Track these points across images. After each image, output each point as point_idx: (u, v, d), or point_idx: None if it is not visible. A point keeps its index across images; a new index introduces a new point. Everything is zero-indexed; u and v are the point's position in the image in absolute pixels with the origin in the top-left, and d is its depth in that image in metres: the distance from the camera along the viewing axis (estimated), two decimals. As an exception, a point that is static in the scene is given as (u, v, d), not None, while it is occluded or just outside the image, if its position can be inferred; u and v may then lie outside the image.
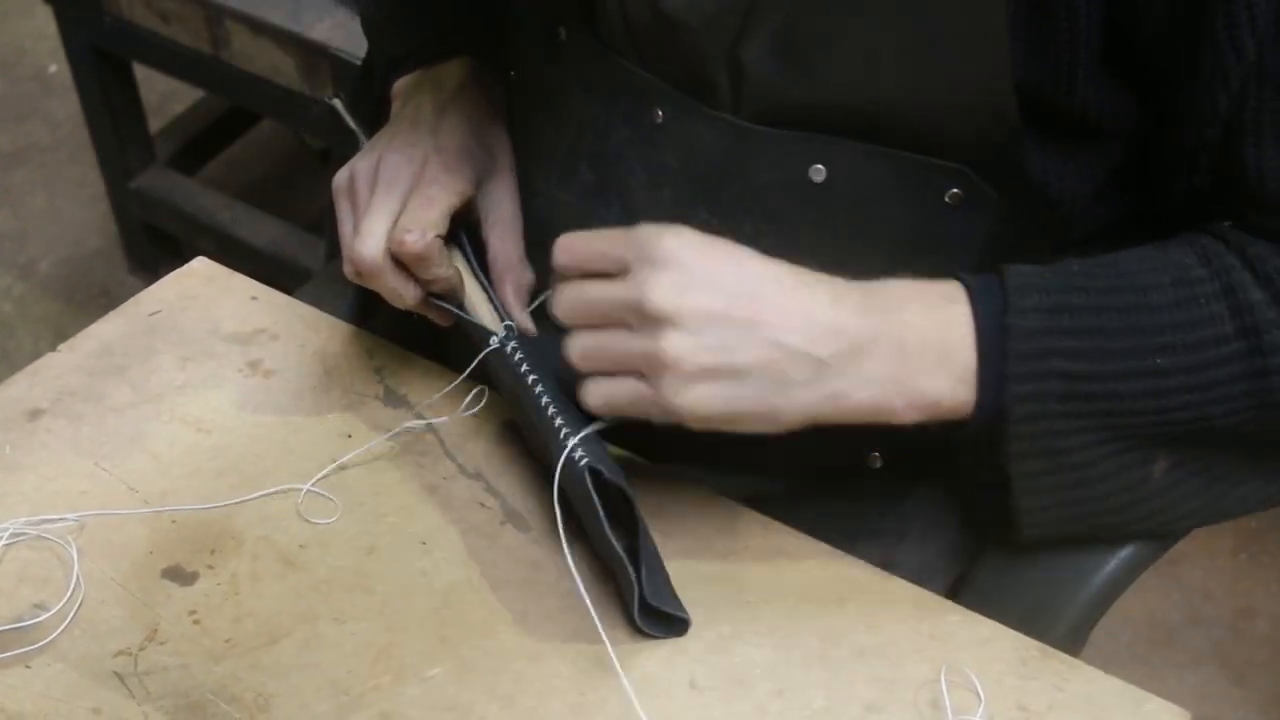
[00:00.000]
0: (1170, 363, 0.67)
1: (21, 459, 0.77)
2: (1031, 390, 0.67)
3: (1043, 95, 0.69)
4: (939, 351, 0.67)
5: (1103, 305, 0.67)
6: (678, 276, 0.64)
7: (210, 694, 0.65)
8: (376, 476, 0.77)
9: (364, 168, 0.80)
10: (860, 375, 0.66)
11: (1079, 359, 0.67)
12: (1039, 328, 0.66)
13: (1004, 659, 0.68)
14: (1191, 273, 0.68)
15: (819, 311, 0.65)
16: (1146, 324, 0.67)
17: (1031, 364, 0.66)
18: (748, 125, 0.73)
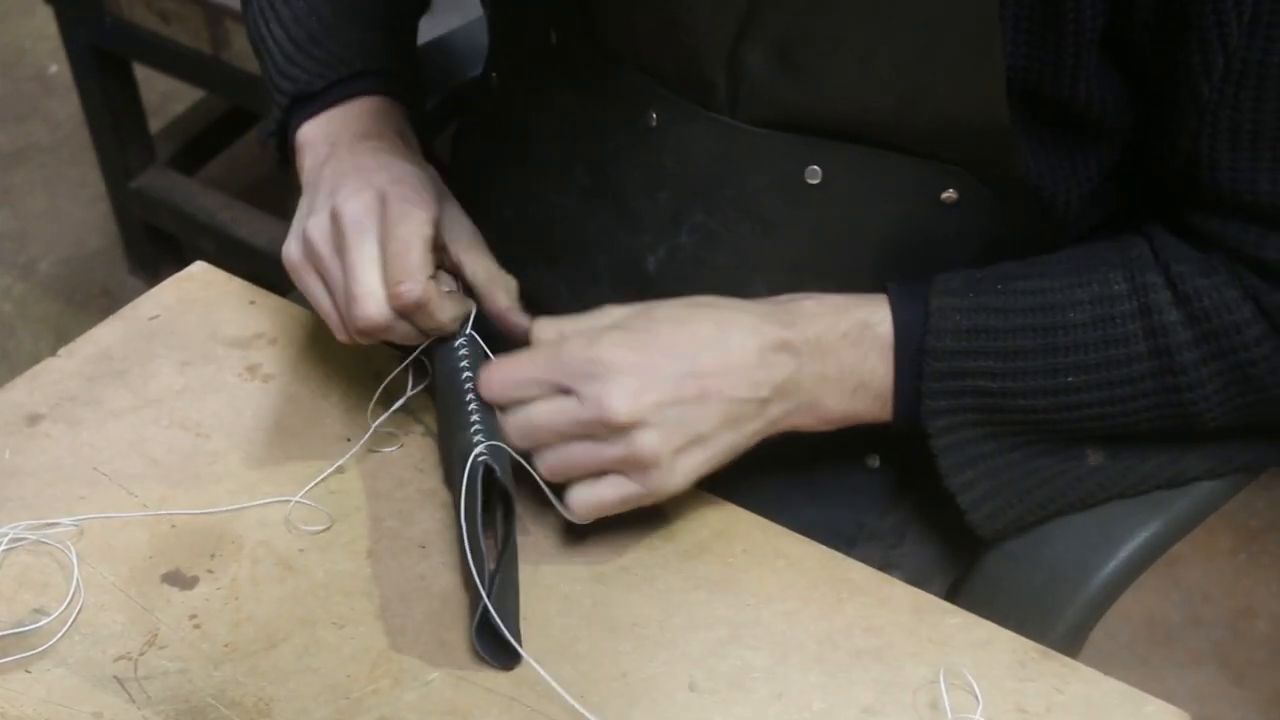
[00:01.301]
0: (1082, 380, 0.71)
1: (21, 464, 0.77)
2: (945, 405, 0.71)
3: (1044, 90, 0.69)
4: (857, 379, 0.72)
5: (1020, 326, 0.71)
6: (626, 383, 0.67)
7: (210, 698, 0.65)
8: (374, 481, 0.77)
9: (318, 231, 0.75)
10: (792, 404, 0.71)
11: (993, 378, 0.71)
12: (955, 349, 0.71)
13: (1003, 661, 0.68)
14: (1112, 289, 0.70)
15: (751, 358, 0.70)
16: (1061, 343, 0.71)
17: (946, 383, 0.71)
18: (744, 127, 0.73)
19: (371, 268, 0.73)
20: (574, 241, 0.81)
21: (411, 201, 0.75)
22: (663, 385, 0.68)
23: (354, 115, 0.84)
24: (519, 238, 0.85)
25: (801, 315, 0.71)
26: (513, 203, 0.85)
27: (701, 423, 0.69)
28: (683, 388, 0.68)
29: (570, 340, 0.70)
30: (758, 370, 0.70)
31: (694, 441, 0.69)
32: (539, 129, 0.82)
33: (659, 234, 0.77)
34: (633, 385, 0.67)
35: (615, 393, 0.67)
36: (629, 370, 0.67)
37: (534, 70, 0.82)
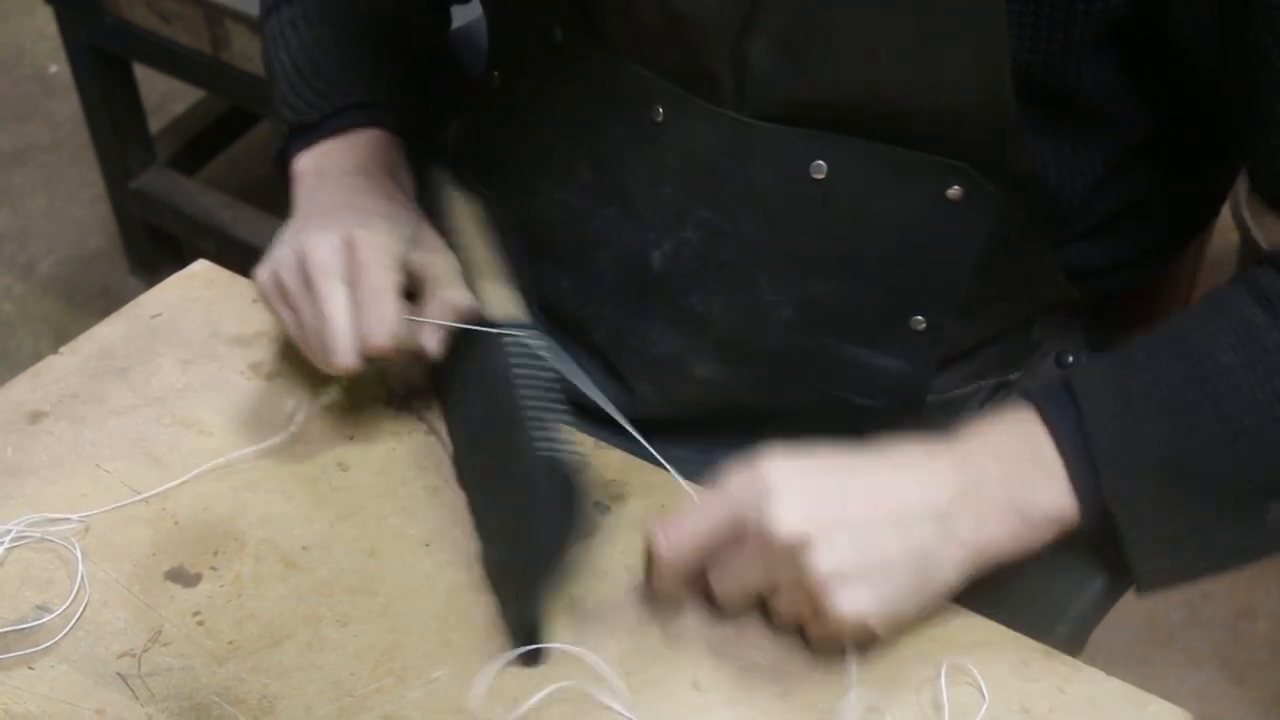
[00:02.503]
0: (1256, 419, 0.66)
1: (23, 461, 0.77)
2: (1129, 487, 0.66)
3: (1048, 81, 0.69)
4: (1030, 465, 0.67)
5: (1178, 381, 0.67)
6: (787, 501, 0.64)
7: (214, 695, 0.65)
8: (378, 478, 0.77)
9: (287, 267, 0.76)
10: (981, 512, 0.66)
11: (1166, 444, 0.66)
12: (1119, 426, 0.66)
13: (1006, 661, 0.68)
14: (1255, 324, 0.67)
15: (921, 473, 0.66)
16: (1226, 387, 0.66)
17: (1122, 461, 0.66)
18: (749, 122, 0.73)
19: (342, 315, 0.73)
20: (578, 238, 0.82)
21: (379, 246, 0.74)
22: (827, 503, 0.64)
23: (346, 149, 0.85)
24: (522, 235, 0.85)
25: (958, 435, 0.68)
26: (516, 200, 0.85)
27: (876, 544, 0.64)
28: (851, 507, 0.65)
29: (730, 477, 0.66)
30: (928, 482, 0.66)
31: (872, 568, 0.64)
32: (542, 126, 0.83)
33: (664, 230, 0.77)
34: (797, 504, 0.64)
35: (777, 512, 0.64)
36: (790, 490, 0.64)
37: (536, 67, 0.82)
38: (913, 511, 0.65)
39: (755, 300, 0.77)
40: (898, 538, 0.65)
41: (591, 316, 0.83)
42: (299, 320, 0.76)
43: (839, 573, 0.63)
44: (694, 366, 0.80)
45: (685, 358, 0.80)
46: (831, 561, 0.63)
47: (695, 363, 0.80)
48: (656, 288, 0.79)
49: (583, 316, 0.83)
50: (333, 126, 0.86)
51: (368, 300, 0.73)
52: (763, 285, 0.77)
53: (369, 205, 0.79)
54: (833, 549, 0.63)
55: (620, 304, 0.81)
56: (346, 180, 0.82)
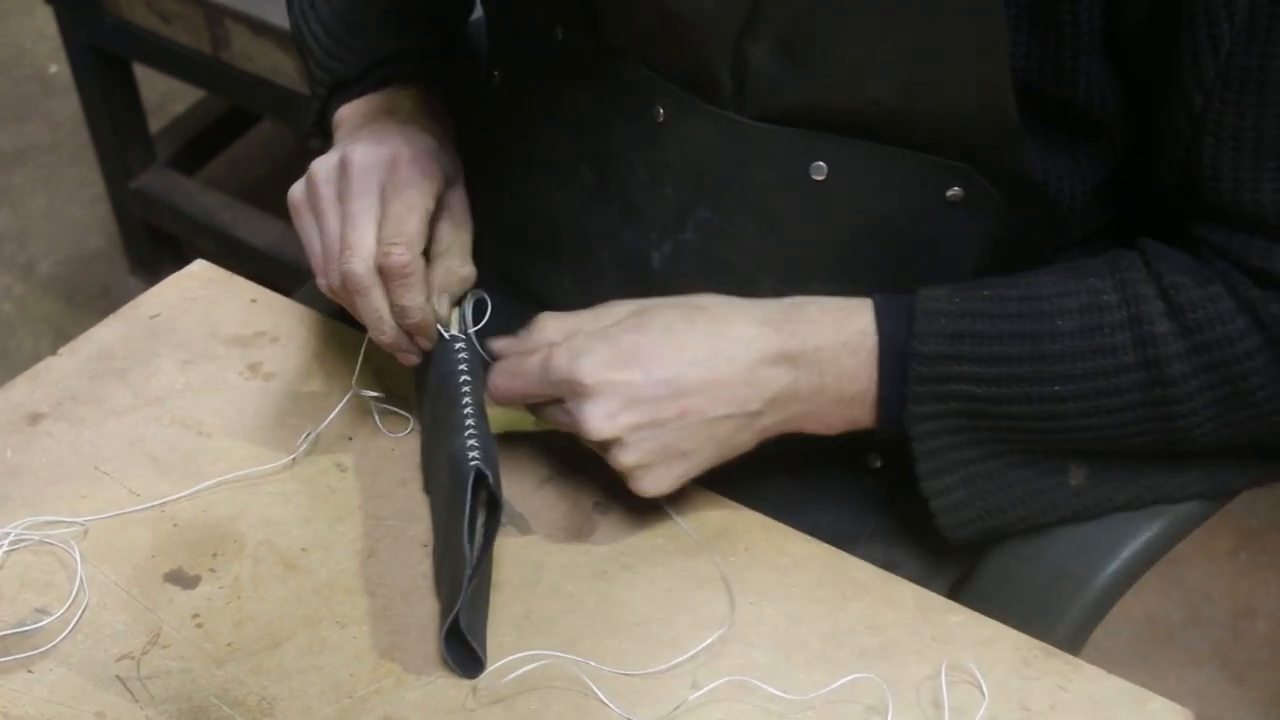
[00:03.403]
0: (1068, 390, 0.69)
1: (22, 463, 0.77)
2: (930, 410, 0.71)
3: (1044, 90, 0.69)
4: (849, 384, 0.71)
5: (1007, 332, 0.70)
6: (602, 404, 0.69)
7: (213, 698, 0.65)
8: (376, 480, 0.77)
9: (324, 172, 0.76)
10: (787, 414, 0.72)
11: (979, 383, 0.70)
12: (940, 353, 0.70)
13: (1006, 659, 0.68)
14: (1101, 298, 0.69)
15: (740, 373, 0.70)
16: (1048, 351, 0.69)
17: (931, 386, 0.70)
18: (749, 123, 0.73)
19: (369, 221, 0.74)
20: (579, 238, 0.81)
21: (421, 169, 0.76)
22: (640, 407, 0.69)
23: (387, 97, 0.85)
24: (523, 235, 0.85)
25: (804, 322, 0.71)
26: (517, 200, 0.85)
27: (681, 441, 0.70)
28: (661, 409, 0.69)
29: (557, 353, 0.70)
30: (747, 386, 0.70)
31: (672, 457, 0.70)
32: (543, 126, 0.82)
33: (664, 230, 0.77)
34: (609, 407, 0.69)
35: (591, 414, 0.69)
36: (607, 391, 0.69)
37: (537, 68, 0.82)
38: (724, 411, 0.70)
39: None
40: (703, 432, 0.70)
41: (591, 316, 0.83)
42: (322, 225, 0.75)
43: (642, 464, 0.70)
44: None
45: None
46: (636, 457, 0.70)
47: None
48: (657, 287, 0.79)
49: (583, 316, 0.83)
50: (374, 80, 0.86)
51: (398, 214, 0.74)
52: (763, 285, 0.76)
53: (413, 135, 0.79)
54: (639, 448, 0.69)
55: (620, 304, 0.81)
56: (390, 119, 0.82)
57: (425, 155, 0.77)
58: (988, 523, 0.74)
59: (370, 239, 0.73)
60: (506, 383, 0.73)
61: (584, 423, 0.69)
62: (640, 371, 0.69)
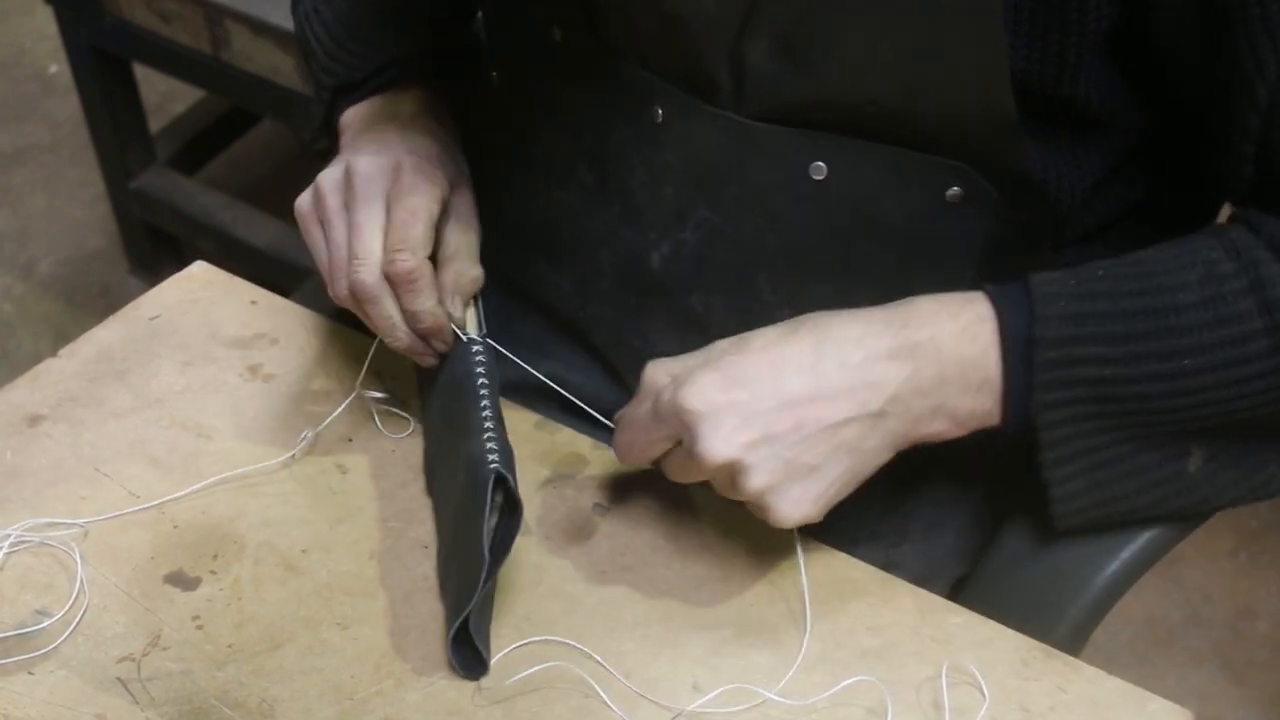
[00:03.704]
0: (1198, 363, 0.67)
1: (22, 464, 0.77)
2: (1058, 398, 0.68)
3: (1044, 89, 0.69)
4: (972, 372, 0.68)
5: (1129, 310, 0.67)
6: (715, 429, 0.66)
7: (214, 699, 0.65)
8: (377, 481, 0.77)
9: (330, 182, 0.77)
10: (910, 413, 0.68)
11: (1106, 364, 0.67)
12: (1065, 336, 0.67)
13: (1006, 660, 0.68)
14: (1219, 268, 0.67)
15: (853, 375, 0.67)
16: (1174, 325, 0.67)
17: (1058, 372, 0.67)
18: (748, 123, 0.73)
19: (374, 230, 0.74)
20: (577, 238, 0.81)
21: (424, 175, 0.76)
22: (753, 423, 0.66)
23: (391, 100, 0.86)
24: (522, 235, 0.85)
25: (916, 314, 0.69)
26: (516, 200, 0.85)
27: (804, 454, 0.67)
28: (775, 422, 0.66)
29: (664, 392, 0.68)
30: (865, 386, 0.67)
31: (800, 474, 0.67)
32: (542, 126, 0.82)
33: (663, 230, 0.77)
34: (722, 430, 0.66)
35: (706, 441, 0.66)
36: (717, 414, 0.66)
37: (536, 68, 0.82)
38: (843, 416, 0.67)
39: (755, 300, 0.77)
40: (826, 442, 0.67)
41: (591, 317, 0.83)
42: (329, 235, 0.76)
43: (771, 486, 0.67)
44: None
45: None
46: (763, 479, 0.66)
47: (695, 363, 0.80)
48: (656, 288, 0.79)
49: (583, 317, 0.83)
50: (377, 83, 0.86)
51: (403, 220, 0.74)
52: (762, 285, 0.77)
53: (417, 140, 0.80)
54: (762, 468, 0.66)
55: (620, 304, 0.81)
56: (394, 122, 0.82)
57: (429, 161, 0.78)
58: (1102, 511, 0.72)
59: (376, 247, 0.74)
60: (625, 437, 0.71)
61: (702, 453, 0.66)
62: (746, 390, 0.67)
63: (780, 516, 0.67)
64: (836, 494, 0.69)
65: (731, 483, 0.67)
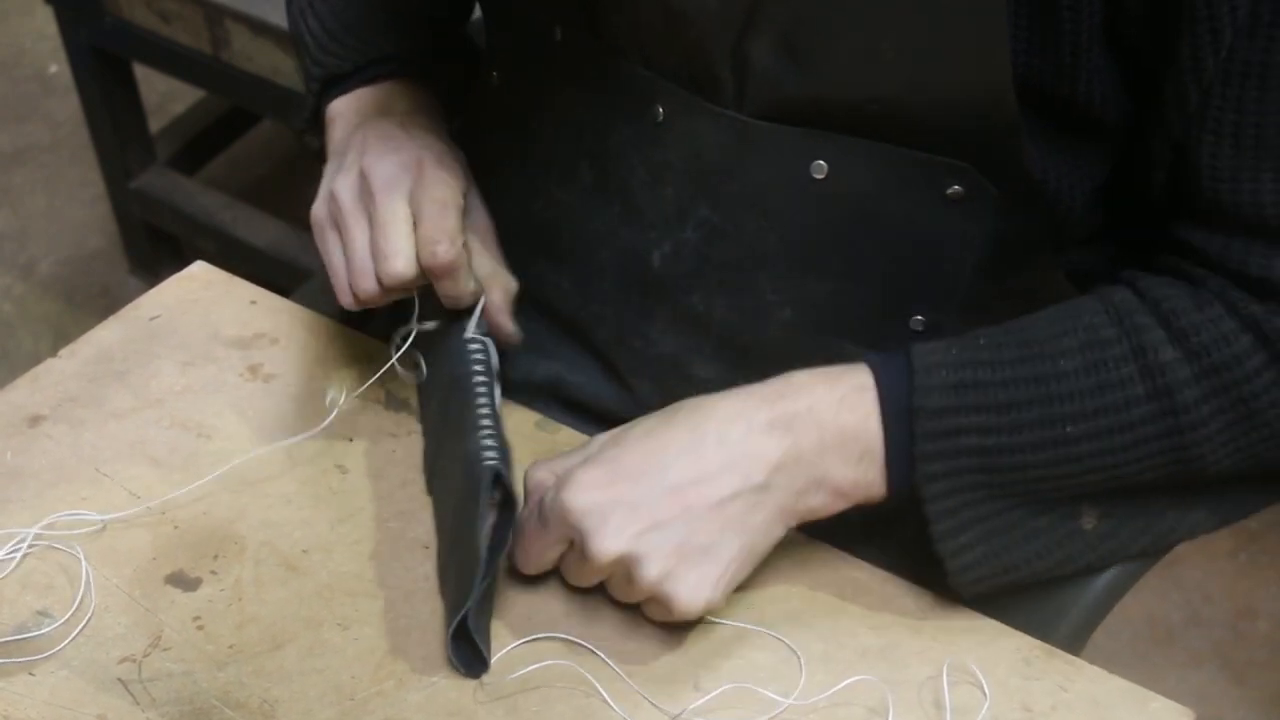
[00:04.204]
0: (1080, 430, 0.67)
1: (23, 465, 0.77)
2: (941, 468, 0.67)
3: (1045, 88, 0.69)
4: (853, 441, 0.68)
5: (1010, 378, 0.67)
6: (600, 526, 0.66)
7: (215, 700, 0.65)
8: (377, 481, 0.77)
9: (346, 186, 0.76)
10: (797, 481, 0.68)
11: (988, 434, 0.67)
12: (945, 406, 0.67)
13: (1007, 659, 0.68)
14: (1101, 334, 0.68)
15: (733, 450, 0.67)
16: (1055, 392, 0.67)
17: (940, 443, 0.67)
18: (750, 121, 0.73)
19: (403, 225, 0.74)
20: (578, 238, 0.81)
21: (446, 168, 0.76)
22: (639, 513, 0.66)
23: (383, 93, 0.85)
24: (523, 235, 0.85)
25: (793, 387, 0.69)
26: (516, 200, 0.85)
27: (694, 535, 0.66)
28: (661, 509, 0.66)
29: (547, 495, 0.68)
30: (745, 459, 0.67)
31: (694, 556, 0.66)
32: (542, 126, 0.82)
33: (664, 230, 0.77)
34: (610, 525, 0.66)
35: (595, 539, 0.66)
36: (602, 510, 0.66)
37: (536, 67, 0.82)
38: (726, 492, 0.67)
39: (756, 300, 0.77)
40: (714, 520, 0.66)
41: (592, 316, 0.83)
42: (346, 240, 0.75)
43: (667, 573, 0.66)
44: (694, 366, 0.80)
45: (685, 358, 0.80)
46: (657, 567, 0.66)
47: (695, 363, 0.80)
48: (657, 288, 0.79)
49: (583, 317, 0.83)
50: (368, 75, 0.86)
51: (432, 212, 0.73)
52: (763, 285, 0.76)
53: (423, 137, 0.79)
54: (655, 555, 0.66)
55: (621, 304, 0.81)
56: (391, 118, 0.81)
57: (443, 154, 0.78)
58: (1004, 578, 0.71)
59: (407, 242, 0.73)
60: (519, 547, 0.70)
61: (593, 551, 0.66)
62: (628, 482, 0.67)
63: (682, 605, 0.66)
64: (734, 575, 0.68)
65: (628, 578, 0.67)
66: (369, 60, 0.86)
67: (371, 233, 0.74)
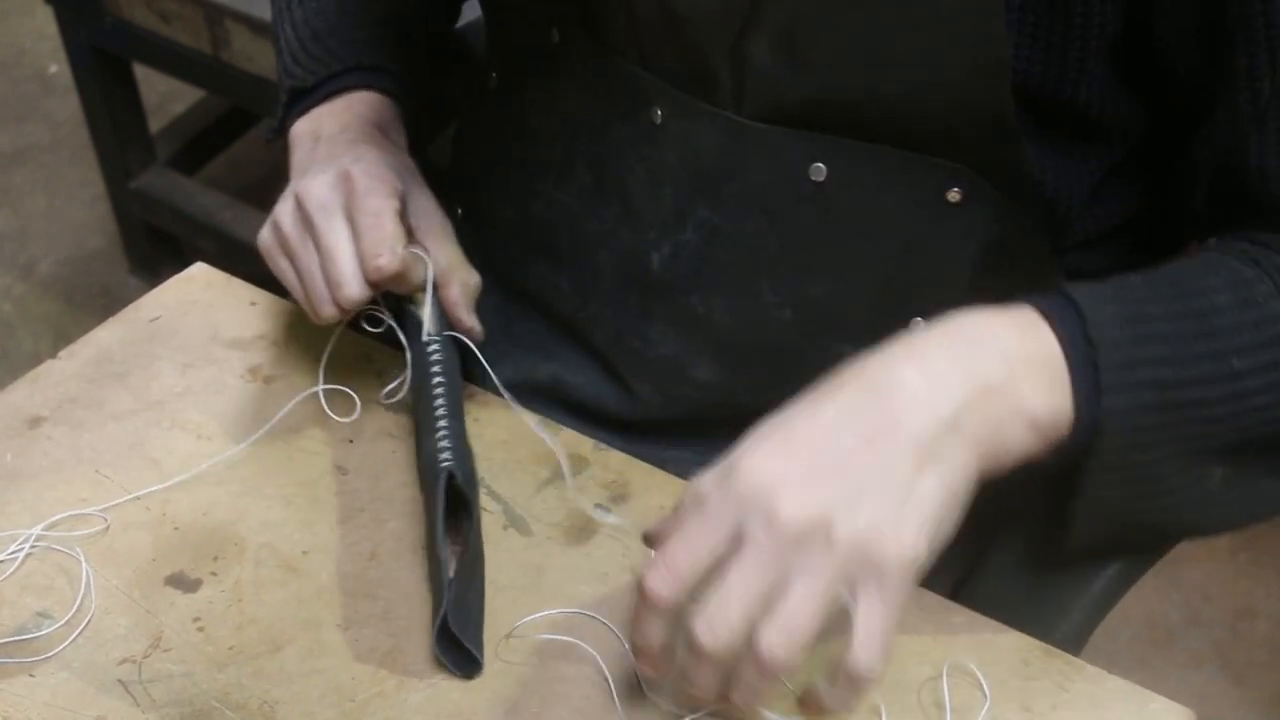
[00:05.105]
0: (1246, 364, 0.64)
1: (22, 466, 0.77)
2: (1126, 402, 0.62)
3: (1047, 91, 0.69)
4: (1046, 371, 0.62)
5: (1176, 312, 0.64)
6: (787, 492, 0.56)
7: (215, 701, 0.65)
8: (377, 482, 0.77)
9: (286, 214, 0.77)
10: (988, 419, 0.61)
11: (1164, 365, 0.63)
12: (1123, 338, 0.63)
13: (1007, 660, 0.68)
14: (1243, 274, 0.66)
15: (918, 391, 0.60)
16: (1219, 326, 0.64)
17: (1123, 374, 0.62)
18: (748, 123, 0.73)
19: (345, 248, 0.74)
20: (577, 240, 0.81)
21: (376, 177, 0.76)
22: (825, 470, 0.57)
23: (340, 109, 0.85)
24: (521, 237, 0.85)
25: (966, 324, 0.63)
26: (514, 202, 0.85)
27: (890, 481, 0.57)
28: (847, 465, 0.57)
29: (705, 481, 0.59)
30: (927, 400, 0.59)
31: (895, 504, 0.57)
32: (540, 127, 0.82)
33: (663, 231, 0.77)
34: (792, 489, 0.56)
35: (782, 506, 0.56)
36: (780, 480, 0.57)
37: (535, 69, 0.82)
38: (917, 431, 0.59)
39: (755, 301, 0.77)
40: (909, 464, 0.58)
41: (591, 318, 0.83)
42: (298, 267, 0.76)
43: (871, 524, 0.56)
44: (693, 368, 0.80)
45: (685, 359, 0.80)
46: (861, 521, 0.56)
47: (695, 364, 0.80)
48: (656, 289, 0.79)
49: (582, 318, 0.83)
50: (328, 90, 0.86)
51: (367, 225, 0.74)
52: (762, 286, 0.77)
53: (362, 149, 0.79)
54: (848, 510, 0.56)
55: (620, 305, 0.81)
56: (340, 137, 0.82)
57: (375, 164, 0.77)
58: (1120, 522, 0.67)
59: (352, 265, 0.74)
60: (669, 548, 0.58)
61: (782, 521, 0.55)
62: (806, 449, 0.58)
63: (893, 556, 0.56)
64: (939, 522, 0.58)
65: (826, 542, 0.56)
66: (331, 73, 0.86)
67: (320, 259, 0.75)
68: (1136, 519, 0.67)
